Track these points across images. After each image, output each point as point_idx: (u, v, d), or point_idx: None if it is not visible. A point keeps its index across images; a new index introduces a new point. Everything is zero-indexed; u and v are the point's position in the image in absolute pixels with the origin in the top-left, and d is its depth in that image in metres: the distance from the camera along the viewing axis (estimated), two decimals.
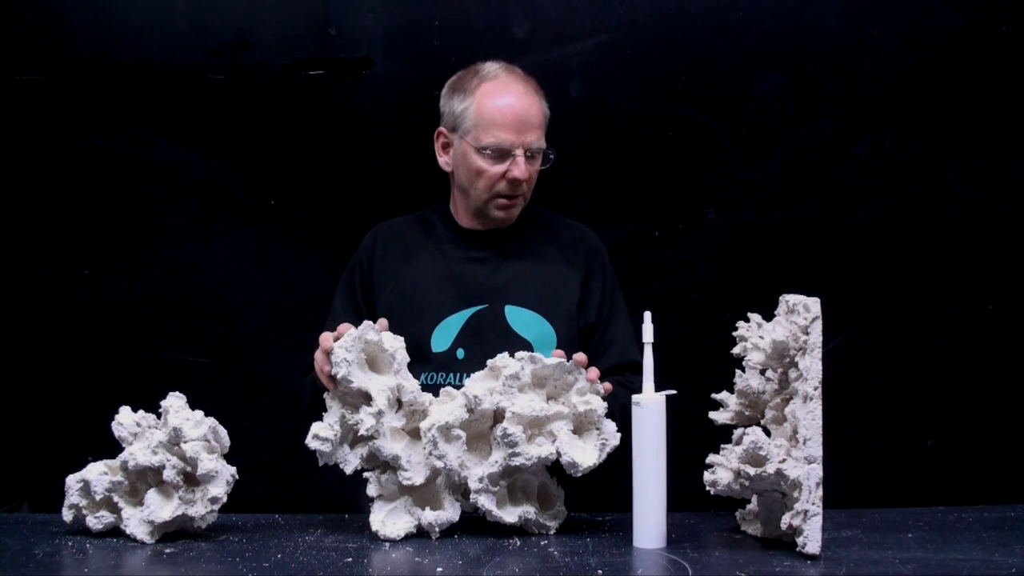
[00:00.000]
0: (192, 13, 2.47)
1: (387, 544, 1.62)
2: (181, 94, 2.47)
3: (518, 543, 1.62)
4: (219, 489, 1.63)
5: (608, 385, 1.73)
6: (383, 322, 1.74)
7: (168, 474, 1.61)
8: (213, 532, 1.67)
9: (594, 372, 1.71)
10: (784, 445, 1.53)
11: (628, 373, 2.01)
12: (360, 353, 1.67)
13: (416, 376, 1.72)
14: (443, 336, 2.00)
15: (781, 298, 1.59)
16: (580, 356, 1.70)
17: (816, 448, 1.49)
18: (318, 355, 1.72)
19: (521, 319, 2.01)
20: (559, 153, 2.05)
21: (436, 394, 1.72)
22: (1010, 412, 2.52)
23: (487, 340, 1.97)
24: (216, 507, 1.63)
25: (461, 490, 1.67)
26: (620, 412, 1.80)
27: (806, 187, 2.51)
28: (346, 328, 1.68)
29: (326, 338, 1.69)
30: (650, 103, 2.50)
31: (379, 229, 2.14)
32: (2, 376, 2.50)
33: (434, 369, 1.98)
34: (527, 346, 1.96)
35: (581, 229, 2.15)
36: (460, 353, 1.99)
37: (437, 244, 2.09)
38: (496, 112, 1.97)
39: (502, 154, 1.98)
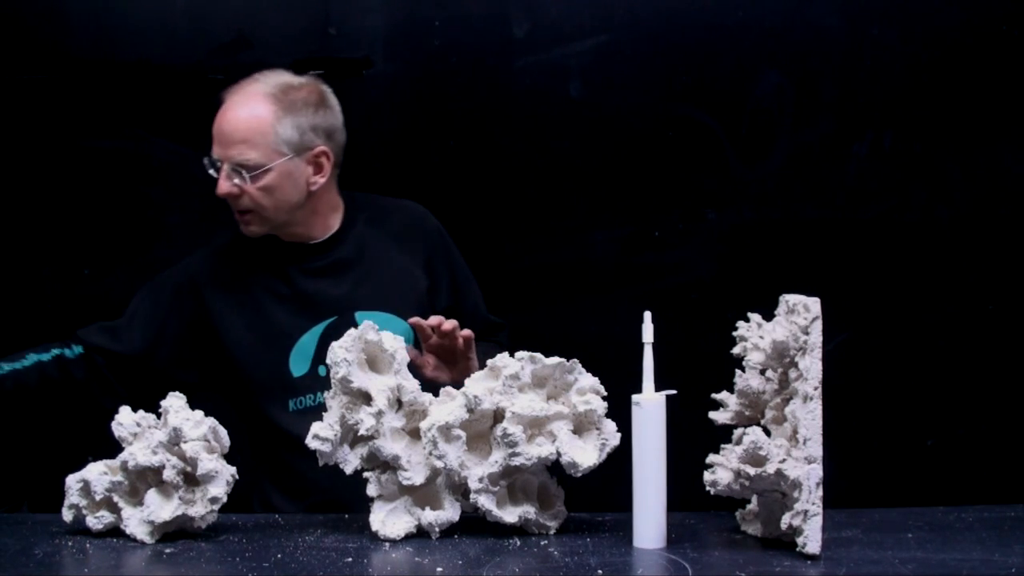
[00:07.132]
0: (192, 13, 2.47)
1: (387, 544, 1.61)
2: (181, 94, 2.47)
3: (518, 543, 1.62)
4: (219, 489, 1.62)
5: (468, 332, 1.81)
6: (452, 322, 1.77)
7: (168, 474, 1.61)
8: (213, 532, 1.67)
9: (449, 323, 1.77)
10: (784, 445, 1.52)
11: (492, 339, 2.07)
12: (360, 353, 1.67)
13: (285, 407, 1.67)
14: (300, 359, 1.96)
15: (781, 298, 1.58)
16: (433, 320, 1.76)
17: (816, 448, 1.48)
18: None
19: (374, 322, 1.98)
20: (559, 153, 2.05)
21: (309, 422, 1.64)
22: (1010, 412, 2.52)
23: None
24: (216, 507, 1.63)
25: (461, 490, 1.67)
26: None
27: (806, 187, 2.51)
28: None
29: None
30: (650, 103, 2.50)
31: (196, 268, 2.04)
32: None
33: (301, 394, 1.95)
34: None
35: (411, 209, 2.11)
36: (322, 370, 1.94)
37: (271, 265, 2.03)
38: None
39: (215, 168, 1.95)
